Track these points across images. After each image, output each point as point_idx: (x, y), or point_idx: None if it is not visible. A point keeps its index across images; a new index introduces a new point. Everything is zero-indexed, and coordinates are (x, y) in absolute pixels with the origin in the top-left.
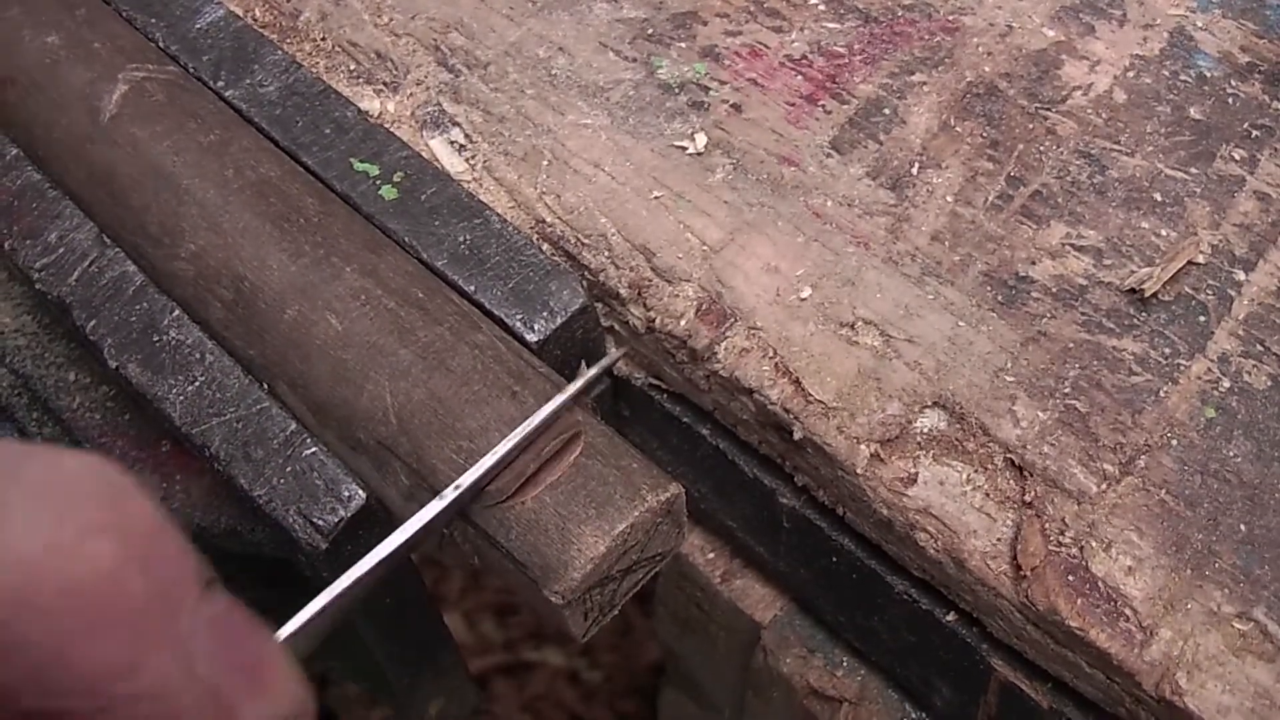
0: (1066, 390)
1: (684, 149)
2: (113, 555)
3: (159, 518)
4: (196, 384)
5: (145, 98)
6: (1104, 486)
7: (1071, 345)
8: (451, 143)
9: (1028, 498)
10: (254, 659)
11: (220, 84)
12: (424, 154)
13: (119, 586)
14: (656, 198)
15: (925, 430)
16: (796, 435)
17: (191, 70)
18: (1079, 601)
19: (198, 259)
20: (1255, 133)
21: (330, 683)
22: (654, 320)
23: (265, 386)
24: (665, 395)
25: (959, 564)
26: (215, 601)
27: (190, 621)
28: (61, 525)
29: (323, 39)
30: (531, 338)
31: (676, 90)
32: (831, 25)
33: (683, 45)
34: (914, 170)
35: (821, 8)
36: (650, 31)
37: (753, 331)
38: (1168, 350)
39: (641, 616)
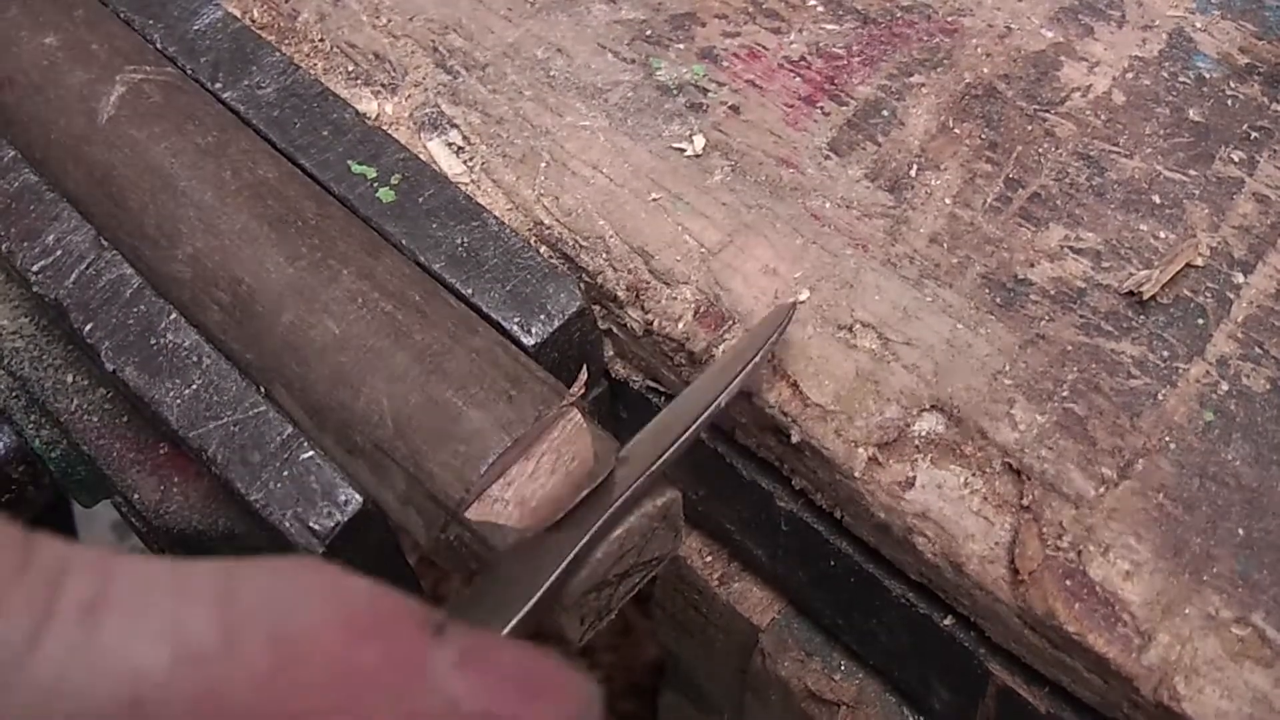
0: (1065, 393)
1: (682, 151)
2: (340, 639)
3: (375, 587)
4: (194, 387)
5: (143, 99)
6: (1102, 490)
7: (1070, 348)
8: (449, 144)
9: (1025, 501)
10: (515, 671)
11: (218, 85)
12: (422, 156)
13: (351, 667)
14: (655, 200)
15: (923, 433)
16: (794, 438)
17: (189, 72)
18: (1076, 606)
19: (195, 261)
20: (1254, 134)
21: None
22: (652, 323)
23: (262, 390)
24: (663, 398)
25: (956, 568)
26: (454, 639)
27: (436, 669)
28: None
29: (321, 40)
30: (529, 341)
31: (675, 92)
32: (830, 27)
33: (681, 47)
34: (912, 172)
35: (820, 9)
36: (648, 33)
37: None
38: (1166, 353)
39: (641, 617)
